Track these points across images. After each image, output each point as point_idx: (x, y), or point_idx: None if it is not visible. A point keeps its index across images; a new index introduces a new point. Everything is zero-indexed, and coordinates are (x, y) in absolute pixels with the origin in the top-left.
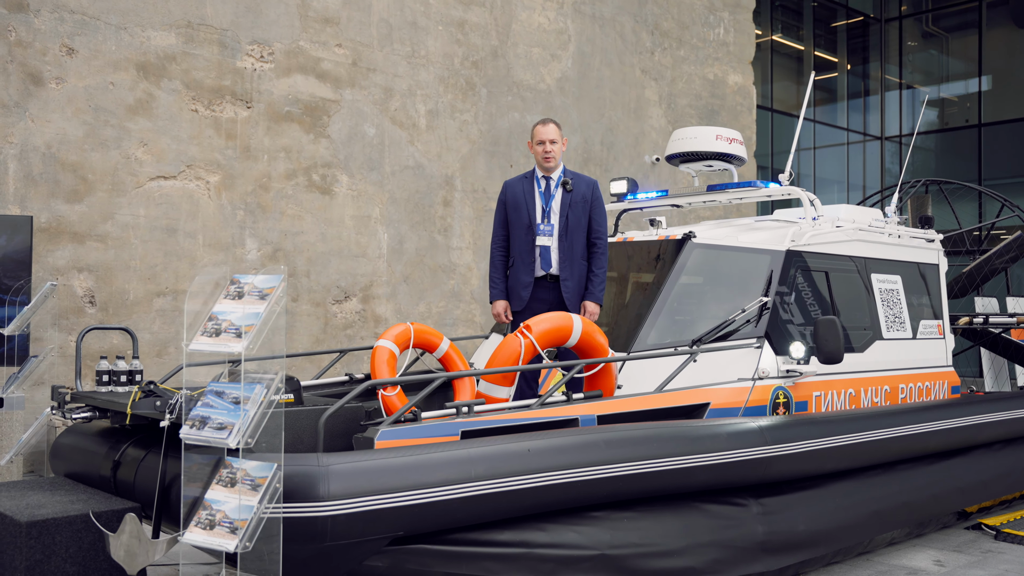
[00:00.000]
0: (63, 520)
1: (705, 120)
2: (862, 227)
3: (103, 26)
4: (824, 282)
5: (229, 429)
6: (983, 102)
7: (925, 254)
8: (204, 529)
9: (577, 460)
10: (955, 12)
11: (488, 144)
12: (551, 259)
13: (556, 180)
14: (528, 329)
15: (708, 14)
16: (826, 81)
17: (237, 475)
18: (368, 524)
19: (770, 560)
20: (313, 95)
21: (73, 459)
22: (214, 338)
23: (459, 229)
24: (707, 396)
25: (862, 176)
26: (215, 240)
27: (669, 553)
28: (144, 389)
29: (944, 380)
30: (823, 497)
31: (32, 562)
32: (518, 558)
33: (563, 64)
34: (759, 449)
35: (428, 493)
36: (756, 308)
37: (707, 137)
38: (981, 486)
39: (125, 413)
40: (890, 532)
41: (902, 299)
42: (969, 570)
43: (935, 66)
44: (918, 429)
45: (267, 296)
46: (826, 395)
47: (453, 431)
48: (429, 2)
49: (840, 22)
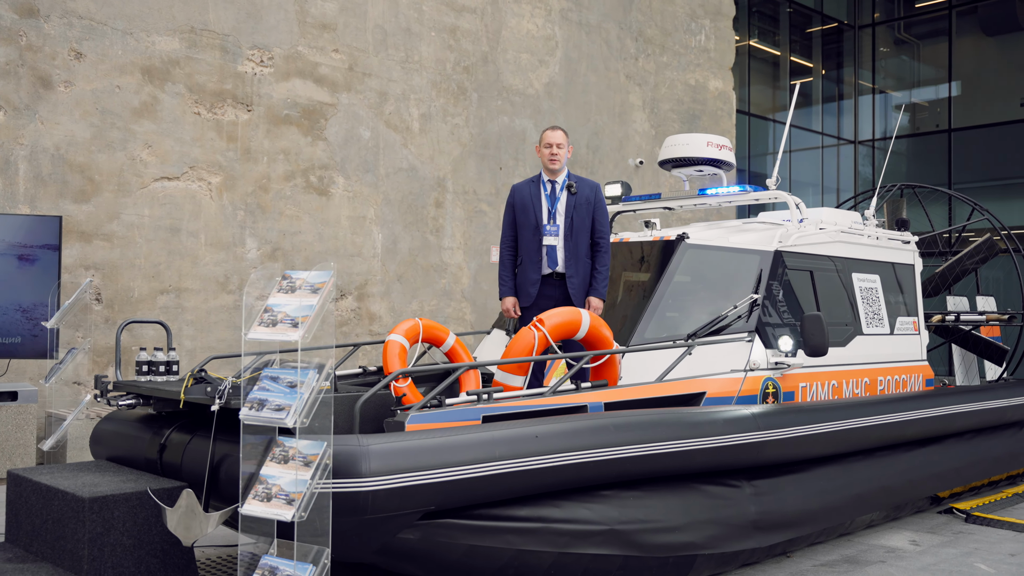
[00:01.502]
0: (120, 497)
1: (687, 124)
2: (844, 229)
3: (110, 31)
4: (809, 281)
5: (286, 410)
6: (953, 107)
7: (901, 255)
8: (262, 501)
9: (588, 443)
10: (926, 20)
11: (478, 147)
12: (557, 258)
13: (561, 183)
14: (541, 323)
15: (690, 21)
16: (802, 86)
17: (289, 453)
18: (404, 499)
19: (761, 537)
20: (311, 99)
21: (115, 444)
22: (271, 328)
23: (450, 230)
24: (703, 386)
25: (836, 179)
26: (216, 239)
27: (671, 529)
28: (195, 376)
29: (919, 373)
30: (809, 480)
31: (94, 535)
32: (536, 532)
33: (551, 69)
34: (752, 434)
35: (456, 472)
36: (747, 305)
37: (698, 144)
38: (953, 473)
39: (176, 400)
40: (869, 514)
41: (880, 297)
42: (942, 549)
43: (907, 72)
44: (896, 418)
45: (319, 290)
46: (811, 386)
47: (475, 416)
48: (422, 9)
49: (815, 28)
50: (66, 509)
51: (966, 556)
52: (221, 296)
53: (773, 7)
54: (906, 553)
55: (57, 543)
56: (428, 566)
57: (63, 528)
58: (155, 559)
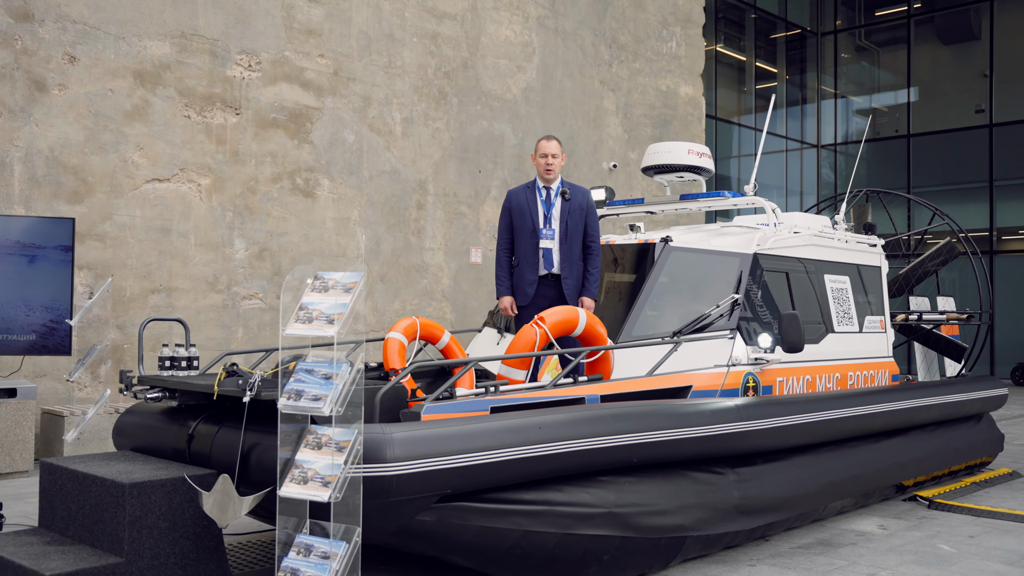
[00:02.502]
0: (157, 483)
1: (658, 129)
2: (816, 233)
3: (103, 35)
4: (785, 281)
5: (323, 400)
6: (911, 113)
7: (869, 257)
8: (298, 484)
9: (589, 432)
10: (886, 27)
11: (458, 151)
12: (553, 260)
13: (555, 190)
14: (542, 320)
15: (661, 28)
16: (766, 90)
17: (322, 439)
18: (423, 483)
19: (744, 521)
20: (297, 103)
21: (140, 435)
22: (307, 324)
23: (431, 231)
24: (690, 380)
25: (800, 182)
26: (206, 240)
27: (663, 512)
28: (228, 370)
29: (886, 369)
30: (787, 468)
31: (133, 517)
32: (541, 514)
33: (528, 75)
34: (736, 424)
35: (470, 458)
36: (729, 304)
37: (680, 151)
38: (917, 462)
39: (203, 393)
40: (841, 501)
41: (850, 297)
42: (908, 532)
43: (867, 78)
44: (865, 411)
45: (351, 290)
46: (788, 380)
47: (484, 407)
48: (405, 15)
49: (779, 34)
50: (105, 494)
51: (930, 539)
52: (210, 295)
53: (739, 13)
54: (875, 536)
55: (95, 526)
56: (442, 546)
57: (102, 512)
58: (188, 541)
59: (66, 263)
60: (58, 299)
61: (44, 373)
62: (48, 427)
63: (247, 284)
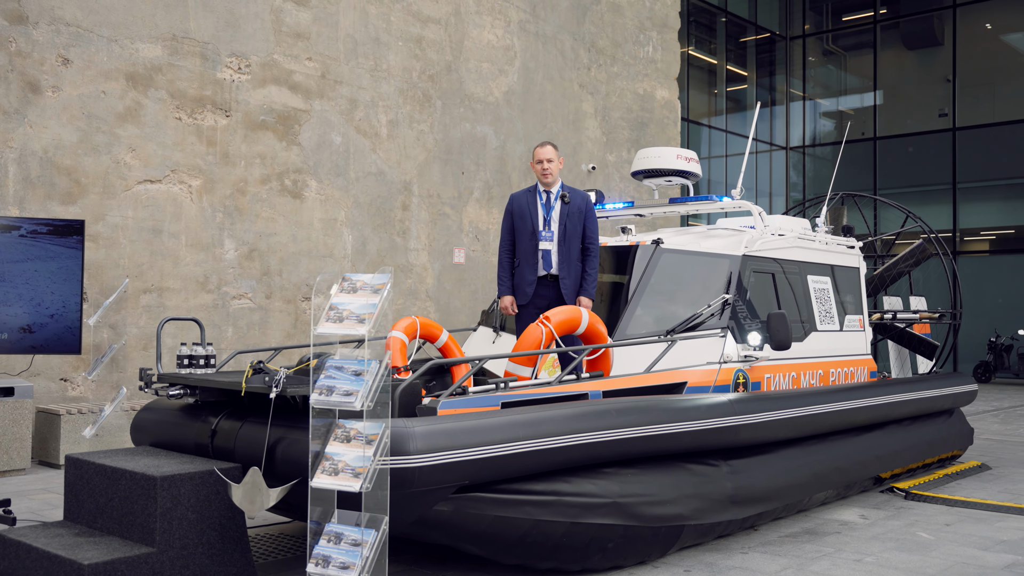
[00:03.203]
0: (185, 476)
1: (635, 132)
2: (800, 235)
3: (96, 38)
4: (771, 282)
5: (354, 395)
6: (877, 117)
7: (848, 259)
8: (329, 475)
9: (595, 425)
10: (852, 32)
11: (442, 152)
12: (552, 261)
13: (555, 193)
14: (548, 319)
15: (639, 33)
16: (736, 93)
17: (351, 433)
18: (443, 474)
19: (737, 510)
20: (286, 105)
21: (159, 431)
22: (338, 323)
23: (416, 232)
24: (685, 376)
25: (768, 183)
26: (196, 240)
27: (663, 502)
28: (255, 368)
29: (865, 366)
30: (775, 461)
31: (164, 509)
32: (551, 504)
33: (510, 78)
34: (730, 418)
35: (486, 450)
36: (720, 304)
37: (669, 156)
38: (894, 455)
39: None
40: (824, 492)
41: (831, 297)
42: (888, 521)
43: (834, 81)
44: (848, 406)
45: (379, 291)
46: (775, 377)
47: (495, 402)
48: (390, 19)
49: (749, 37)
50: (135, 487)
51: (909, 527)
52: (201, 295)
53: (710, 17)
54: (857, 525)
55: (125, 518)
56: (456, 535)
57: (132, 504)
58: (214, 532)
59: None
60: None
61: (38, 372)
62: (44, 426)
63: (237, 284)
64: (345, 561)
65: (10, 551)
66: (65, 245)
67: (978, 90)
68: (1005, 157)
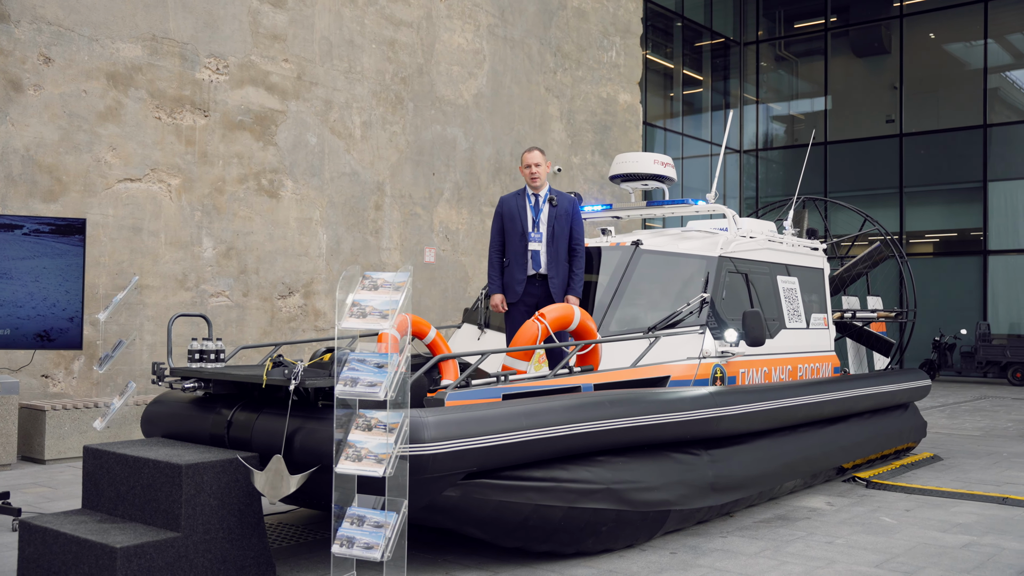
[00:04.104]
0: (207, 464)
1: (599, 135)
2: (770, 238)
3: (77, 37)
4: (745, 282)
5: (378, 386)
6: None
7: (813, 260)
8: (353, 461)
9: (590, 416)
10: (804, 39)
11: (414, 154)
12: (540, 261)
13: (543, 197)
14: (543, 316)
15: (602, 38)
16: (692, 96)
17: (372, 422)
18: (454, 461)
19: (717, 497)
20: (263, 106)
21: (171, 424)
22: (362, 319)
23: (388, 231)
24: (668, 370)
25: (723, 185)
26: (175, 239)
27: (651, 488)
28: (275, 361)
29: (829, 362)
30: (751, 451)
31: (188, 496)
32: (550, 490)
33: (479, 81)
34: (711, 410)
35: (492, 439)
36: (698, 302)
37: (646, 161)
38: (856, 446)
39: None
40: (793, 481)
41: (799, 297)
42: (852, 508)
43: (786, 86)
44: (817, 399)
45: (400, 288)
46: (749, 371)
47: (496, 394)
48: (364, 22)
49: (705, 42)
50: (159, 475)
51: (872, 512)
52: (180, 293)
53: (667, 22)
54: (825, 512)
55: (148, 505)
56: (462, 519)
57: (155, 492)
58: (234, 518)
59: (78, 262)
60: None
61: (20, 367)
62: (27, 421)
63: (215, 282)
64: (369, 542)
65: (36, 537)
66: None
67: (923, 98)
68: (949, 163)
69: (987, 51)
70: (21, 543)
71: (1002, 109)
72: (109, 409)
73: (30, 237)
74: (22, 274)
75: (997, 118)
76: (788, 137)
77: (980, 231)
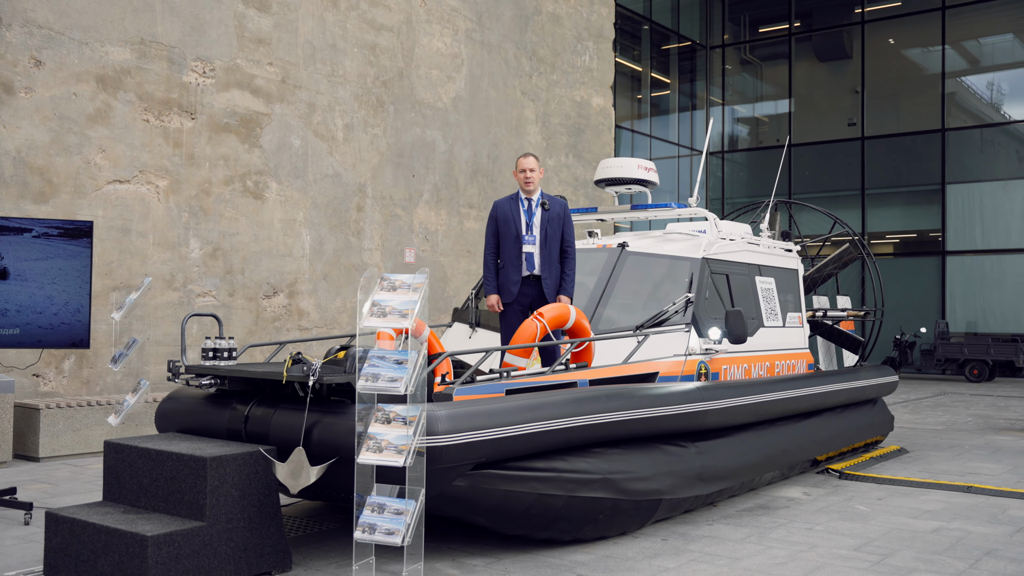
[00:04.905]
0: (229, 457)
1: (573, 137)
2: (749, 240)
3: (67, 41)
4: (726, 282)
5: (399, 381)
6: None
7: (788, 261)
8: (374, 452)
9: (589, 409)
10: (768, 43)
11: (394, 156)
12: (535, 262)
13: (536, 201)
14: (541, 315)
15: (576, 43)
16: (659, 99)
17: (390, 415)
18: (465, 452)
19: (703, 487)
20: (248, 109)
21: (185, 419)
22: (382, 318)
23: (369, 232)
24: (657, 367)
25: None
26: (163, 239)
27: (644, 478)
28: (294, 359)
29: (804, 359)
30: (734, 443)
31: (213, 487)
32: (552, 480)
33: (457, 85)
34: (699, 404)
35: (500, 431)
36: (683, 302)
37: (630, 166)
38: (829, 439)
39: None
40: (772, 472)
41: (775, 296)
42: (828, 497)
43: (751, 90)
44: (795, 394)
45: (418, 289)
46: (731, 368)
47: (500, 389)
48: (347, 27)
49: (672, 45)
50: (183, 468)
51: (847, 501)
52: (167, 293)
53: (635, 25)
54: (803, 501)
55: (172, 496)
56: (469, 508)
57: (179, 484)
58: (254, 507)
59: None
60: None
61: (11, 367)
62: (21, 420)
63: (201, 282)
64: (390, 528)
65: (64, 527)
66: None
67: (884, 102)
68: (908, 166)
69: (945, 57)
70: (48, 533)
71: (959, 114)
72: (123, 406)
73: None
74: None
75: (954, 122)
76: (752, 139)
77: (939, 232)
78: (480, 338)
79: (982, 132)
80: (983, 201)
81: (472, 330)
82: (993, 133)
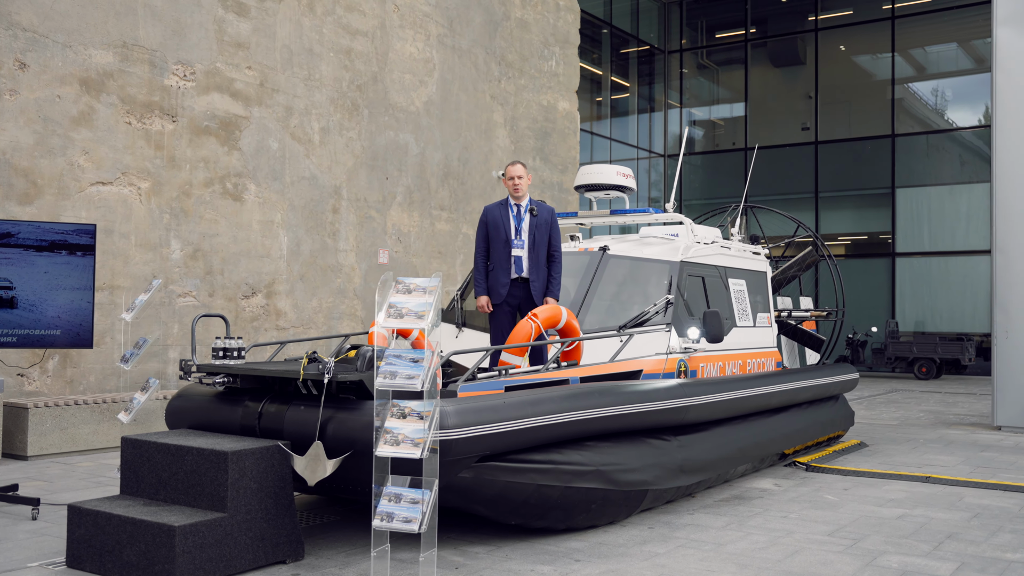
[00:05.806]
0: (248, 451)
1: (540, 141)
2: (722, 244)
3: (51, 43)
4: (702, 284)
5: (416, 378)
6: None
7: (758, 263)
8: (392, 445)
9: (583, 404)
10: (725, 49)
11: (369, 159)
12: (523, 265)
13: (524, 207)
14: (536, 316)
15: (543, 48)
16: (618, 102)
17: (405, 411)
18: (472, 445)
19: (685, 478)
20: (227, 112)
21: (197, 416)
22: (399, 319)
23: (345, 234)
24: (641, 365)
25: (647, 188)
26: (145, 241)
27: (633, 470)
28: (310, 358)
29: (772, 358)
30: (711, 437)
31: (233, 479)
32: (549, 471)
33: (429, 89)
34: (681, 400)
35: (503, 425)
36: (664, 303)
37: (609, 173)
38: (796, 434)
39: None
40: (745, 465)
41: (747, 298)
42: (798, 488)
43: (707, 94)
44: (767, 390)
45: (431, 292)
46: (707, 366)
47: (499, 386)
48: (323, 31)
49: (631, 49)
50: (203, 462)
51: (816, 491)
52: None
53: (595, 29)
54: (775, 492)
55: (191, 489)
56: (472, 498)
57: (199, 477)
58: (270, 499)
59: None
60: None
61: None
62: (9, 419)
63: (182, 283)
64: (408, 516)
65: (87, 519)
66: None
67: (836, 107)
68: (859, 169)
69: (894, 64)
70: (71, 525)
71: (907, 119)
72: (133, 403)
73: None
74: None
75: (903, 128)
76: (708, 142)
77: (889, 234)
78: (467, 338)
79: (928, 138)
80: (930, 205)
81: (459, 330)
82: (939, 139)
